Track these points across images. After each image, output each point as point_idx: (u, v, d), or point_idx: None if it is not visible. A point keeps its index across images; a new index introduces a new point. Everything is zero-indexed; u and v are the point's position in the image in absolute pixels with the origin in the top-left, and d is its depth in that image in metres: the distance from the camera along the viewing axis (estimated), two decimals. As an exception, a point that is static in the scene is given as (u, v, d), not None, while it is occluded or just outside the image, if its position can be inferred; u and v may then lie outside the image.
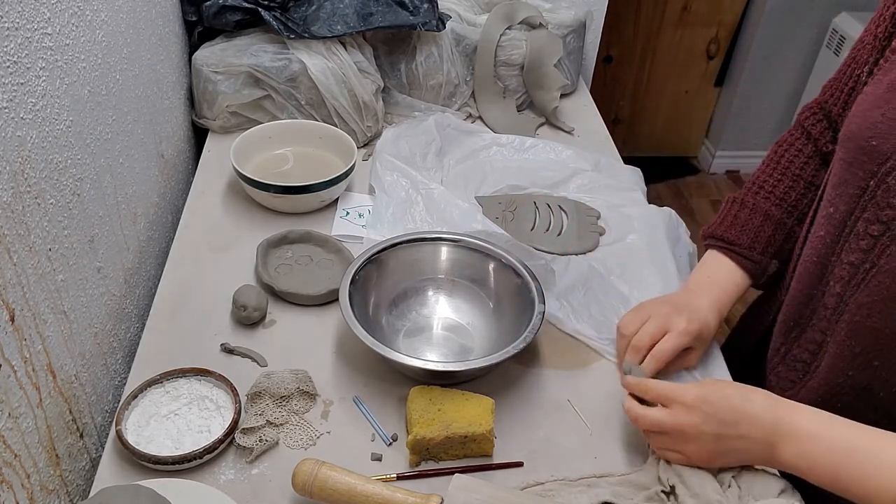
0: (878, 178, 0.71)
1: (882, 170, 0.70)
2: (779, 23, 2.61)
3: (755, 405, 0.71)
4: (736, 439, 0.71)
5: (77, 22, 0.82)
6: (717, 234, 0.93)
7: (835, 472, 0.67)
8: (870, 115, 0.73)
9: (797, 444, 0.69)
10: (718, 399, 0.72)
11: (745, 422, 0.71)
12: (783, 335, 0.87)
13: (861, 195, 0.73)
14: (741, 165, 3.00)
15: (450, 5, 1.41)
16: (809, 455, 0.68)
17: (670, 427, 0.74)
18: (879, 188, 0.71)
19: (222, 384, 0.84)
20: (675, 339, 0.85)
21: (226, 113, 1.28)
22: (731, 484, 0.74)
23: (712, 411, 0.71)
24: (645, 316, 0.88)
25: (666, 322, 0.86)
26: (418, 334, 0.96)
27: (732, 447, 0.72)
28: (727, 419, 0.71)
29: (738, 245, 0.91)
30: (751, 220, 0.91)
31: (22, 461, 0.69)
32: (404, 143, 1.22)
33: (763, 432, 0.70)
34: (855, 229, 0.74)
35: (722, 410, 0.71)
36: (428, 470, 0.80)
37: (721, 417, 0.71)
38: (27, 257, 0.70)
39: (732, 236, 0.92)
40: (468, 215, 1.06)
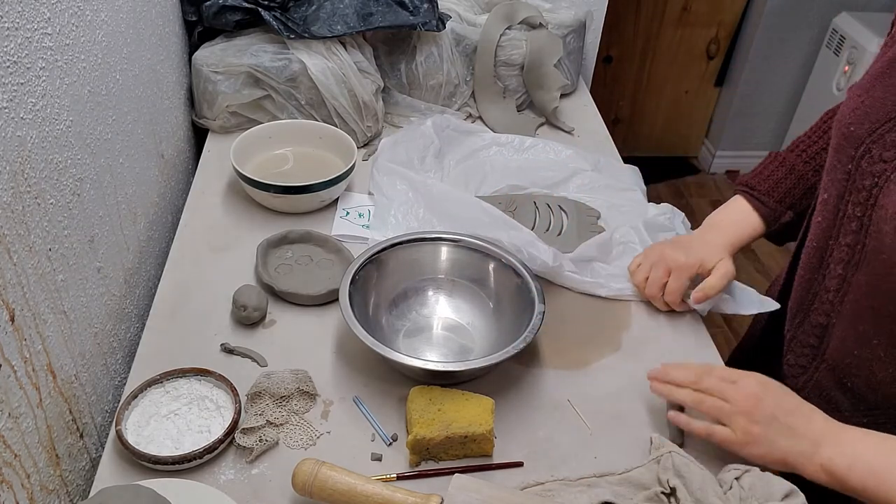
0: (854, 162, 0.75)
1: (857, 153, 0.75)
2: (779, 23, 2.61)
3: (811, 406, 0.75)
4: (786, 428, 0.73)
5: (77, 22, 0.82)
6: (744, 180, 1.01)
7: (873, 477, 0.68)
8: (852, 102, 0.77)
9: (842, 445, 0.71)
10: (781, 388, 0.76)
11: (801, 415, 0.74)
12: (790, 321, 0.89)
13: (847, 179, 0.77)
14: (741, 165, 3.00)
15: (450, 5, 1.41)
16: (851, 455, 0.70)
17: (733, 393, 0.75)
18: (857, 171, 0.75)
19: (222, 384, 0.84)
20: (678, 280, 0.95)
21: (226, 113, 1.28)
22: (732, 486, 0.74)
23: (774, 393, 0.75)
24: (649, 262, 0.99)
25: (667, 264, 0.97)
26: (418, 334, 0.96)
27: (780, 433, 0.73)
28: (785, 406, 0.74)
29: (757, 190, 0.98)
30: (777, 171, 0.98)
31: (22, 461, 0.69)
32: (402, 149, 1.22)
33: (812, 430, 0.72)
34: (847, 213, 0.78)
35: (783, 397, 0.75)
36: (428, 470, 0.80)
37: (780, 402, 0.74)
38: (27, 257, 0.70)
39: (755, 183, 0.99)
40: (470, 207, 1.06)
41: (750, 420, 0.74)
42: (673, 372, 0.81)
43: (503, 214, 1.05)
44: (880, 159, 0.72)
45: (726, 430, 0.75)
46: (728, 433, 0.75)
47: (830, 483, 0.71)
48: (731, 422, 0.75)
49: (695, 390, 0.78)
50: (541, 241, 1.00)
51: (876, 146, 0.73)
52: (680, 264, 0.96)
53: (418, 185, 1.13)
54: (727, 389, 0.76)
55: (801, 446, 0.72)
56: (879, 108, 0.74)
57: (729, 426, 0.75)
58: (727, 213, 1.01)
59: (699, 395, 0.77)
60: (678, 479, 0.75)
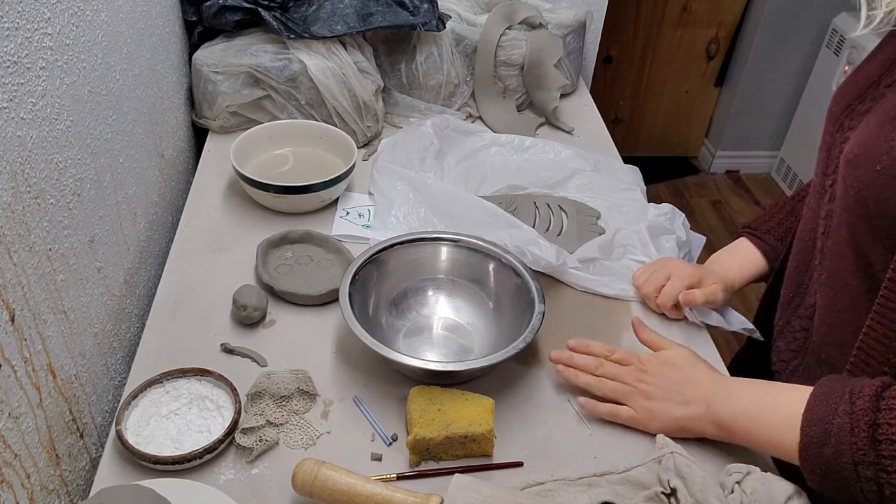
0: (831, 138, 0.80)
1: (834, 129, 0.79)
2: (779, 23, 2.61)
3: (700, 371, 0.82)
4: (678, 398, 0.81)
5: (77, 22, 0.82)
6: (746, 224, 1.04)
7: (754, 423, 0.74)
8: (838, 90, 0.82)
9: (727, 398, 0.78)
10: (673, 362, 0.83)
11: (689, 383, 0.81)
12: (783, 308, 0.91)
13: (826, 157, 0.81)
14: (741, 165, 3.00)
15: (450, 5, 1.41)
16: (735, 406, 0.77)
17: (627, 376, 0.84)
18: (833, 146, 0.79)
19: (222, 384, 0.84)
20: (675, 283, 0.97)
21: (226, 113, 1.28)
22: (734, 489, 0.74)
23: (664, 369, 0.83)
24: (653, 268, 1.02)
25: (669, 270, 0.99)
26: (418, 334, 0.96)
27: (674, 403, 0.81)
28: (674, 377, 0.82)
29: (759, 230, 1.01)
30: (778, 213, 1.01)
31: (22, 461, 0.69)
32: (402, 150, 1.22)
33: (702, 393, 0.80)
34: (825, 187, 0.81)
35: (672, 370, 0.83)
36: (428, 470, 0.80)
37: (669, 375, 0.82)
38: (27, 257, 0.70)
39: (756, 224, 1.03)
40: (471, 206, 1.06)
41: (645, 397, 0.83)
42: (576, 357, 0.88)
43: (505, 213, 1.05)
44: (848, 128, 0.77)
45: (629, 409, 0.83)
46: (631, 412, 0.83)
47: (724, 436, 0.78)
48: (630, 402, 0.83)
49: (596, 375, 0.86)
50: (543, 239, 1.00)
51: (847, 119, 0.78)
52: (682, 272, 0.98)
53: (419, 185, 1.13)
54: (622, 373, 0.85)
55: (694, 411, 0.80)
56: (854, 88, 0.79)
57: (630, 406, 0.83)
58: (731, 254, 1.03)
59: (600, 379, 0.85)
60: (679, 479, 0.75)
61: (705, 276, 0.98)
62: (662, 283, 0.99)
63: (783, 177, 2.90)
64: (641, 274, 1.03)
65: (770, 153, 2.96)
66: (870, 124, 0.72)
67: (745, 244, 1.02)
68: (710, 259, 1.04)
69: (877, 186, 0.68)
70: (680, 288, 0.97)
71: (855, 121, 0.77)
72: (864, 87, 0.78)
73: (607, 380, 0.85)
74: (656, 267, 1.02)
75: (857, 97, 0.78)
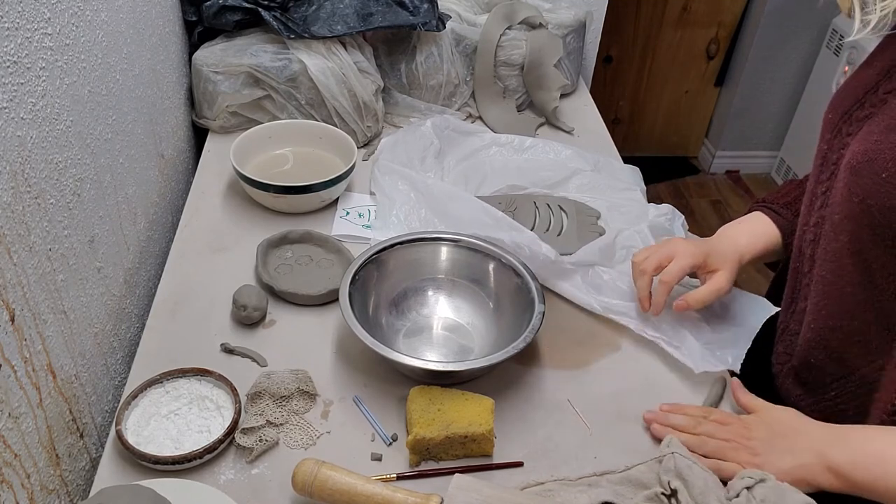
0: (827, 144, 0.79)
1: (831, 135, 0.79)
2: (779, 23, 2.61)
3: (805, 421, 0.78)
4: (785, 448, 0.76)
5: (77, 22, 0.82)
6: (760, 199, 0.99)
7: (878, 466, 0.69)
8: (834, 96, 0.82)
9: (843, 444, 0.72)
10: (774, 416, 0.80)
11: (796, 433, 0.77)
12: (784, 312, 0.90)
13: (822, 163, 0.80)
14: (741, 165, 3.00)
15: (450, 5, 1.41)
16: (853, 451, 0.71)
17: (728, 434, 0.80)
18: (829, 151, 0.79)
19: (222, 384, 0.84)
20: (679, 262, 0.90)
21: (226, 113, 1.28)
22: (741, 494, 0.73)
23: (766, 422, 0.79)
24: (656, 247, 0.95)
25: (673, 249, 0.92)
26: (418, 334, 0.96)
27: (781, 454, 0.76)
28: (778, 430, 0.78)
29: (776, 204, 0.96)
30: (794, 190, 0.96)
31: (22, 461, 0.69)
32: (402, 150, 1.22)
33: (811, 441, 0.75)
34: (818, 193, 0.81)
35: (774, 423, 0.79)
36: (428, 470, 0.80)
37: (773, 427, 0.79)
38: (27, 257, 0.70)
39: (772, 198, 0.97)
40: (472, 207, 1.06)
41: (750, 452, 0.78)
42: (672, 418, 0.84)
43: (505, 216, 1.04)
44: (847, 134, 0.76)
45: (733, 465, 0.78)
46: (735, 468, 0.78)
47: (843, 486, 0.72)
48: (734, 458, 0.79)
49: (695, 434, 0.82)
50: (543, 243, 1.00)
51: (845, 125, 0.77)
52: (686, 251, 0.91)
53: (420, 186, 1.13)
54: (722, 431, 0.81)
55: (804, 459, 0.74)
56: (852, 94, 0.78)
57: (734, 462, 0.78)
58: (742, 224, 0.97)
59: (700, 438, 0.81)
60: (679, 481, 0.75)
61: (712, 256, 0.91)
62: (665, 263, 0.92)
63: (783, 177, 2.90)
64: (642, 251, 0.96)
65: (770, 153, 2.96)
66: (873, 131, 0.71)
67: (759, 216, 0.96)
68: (719, 231, 0.97)
69: (882, 195, 0.68)
70: (685, 268, 0.90)
71: (854, 127, 0.76)
72: (862, 93, 0.77)
73: (707, 438, 0.81)
74: (659, 245, 0.95)
75: (855, 103, 0.77)
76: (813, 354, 0.82)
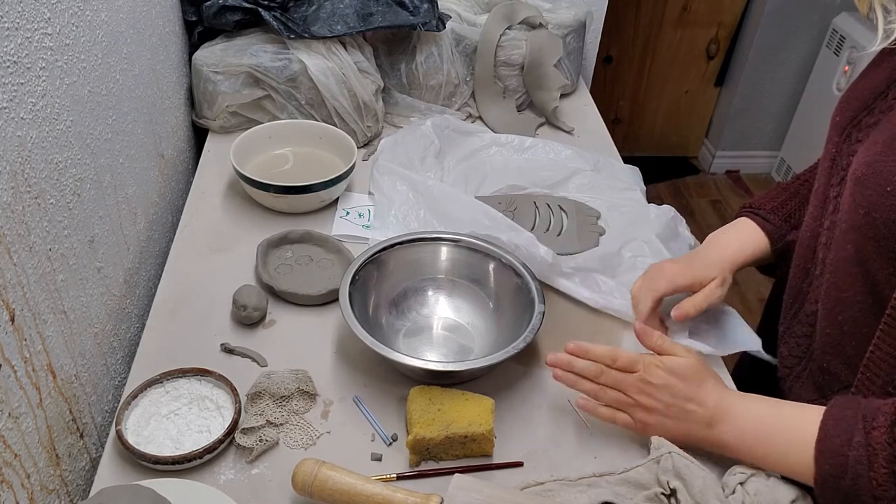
0: (837, 148, 0.79)
1: (840, 139, 0.78)
2: (779, 23, 2.61)
3: (708, 388, 0.79)
4: (680, 414, 0.79)
5: (77, 22, 0.82)
6: (747, 204, 1.00)
7: (759, 445, 0.74)
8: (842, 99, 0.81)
9: (731, 419, 0.76)
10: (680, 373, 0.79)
11: (694, 400, 0.78)
12: (785, 313, 0.90)
13: (831, 166, 0.80)
14: (741, 165, 3.00)
15: (450, 5, 1.41)
16: (739, 429, 0.75)
17: (629, 386, 0.80)
18: (839, 156, 0.78)
19: (222, 384, 0.84)
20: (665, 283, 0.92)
21: (226, 113, 1.28)
22: (736, 490, 0.74)
23: (670, 381, 0.79)
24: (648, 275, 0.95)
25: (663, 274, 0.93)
26: (418, 334, 0.96)
27: (675, 419, 0.79)
28: (679, 393, 0.78)
29: (763, 209, 0.97)
30: (781, 194, 0.97)
31: (22, 461, 0.69)
32: (402, 150, 1.22)
33: (705, 412, 0.77)
34: (829, 197, 0.80)
35: (678, 384, 0.79)
36: (428, 470, 0.80)
37: (675, 390, 0.79)
38: (27, 257, 0.70)
39: (759, 204, 0.98)
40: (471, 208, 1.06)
41: (646, 411, 0.80)
42: (576, 363, 0.83)
43: (503, 216, 1.04)
44: (856, 140, 0.76)
45: (627, 417, 0.81)
46: (628, 420, 0.81)
47: (730, 455, 0.77)
48: (629, 412, 0.81)
49: (598, 383, 0.82)
50: (541, 245, 0.99)
51: (855, 131, 0.76)
52: (675, 273, 0.92)
53: (419, 186, 1.13)
54: (624, 382, 0.81)
55: (695, 429, 0.78)
56: (861, 97, 0.77)
57: (629, 415, 0.81)
58: (730, 231, 0.98)
59: (601, 387, 0.82)
60: (679, 480, 0.75)
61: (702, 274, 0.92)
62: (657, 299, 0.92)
63: (783, 177, 2.90)
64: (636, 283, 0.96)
65: (770, 153, 2.96)
66: (877, 142, 0.70)
67: (746, 223, 0.97)
68: (707, 238, 0.98)
69: (887, 208, 0.67)
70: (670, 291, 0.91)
71: (863, 132, 0.75)
72: (871, 99, 0.76)
73: (608, 388, 0.81)
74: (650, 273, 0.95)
75: (863, 108, 0.76)
76: (827, 359, 0.81)
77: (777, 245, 0.95)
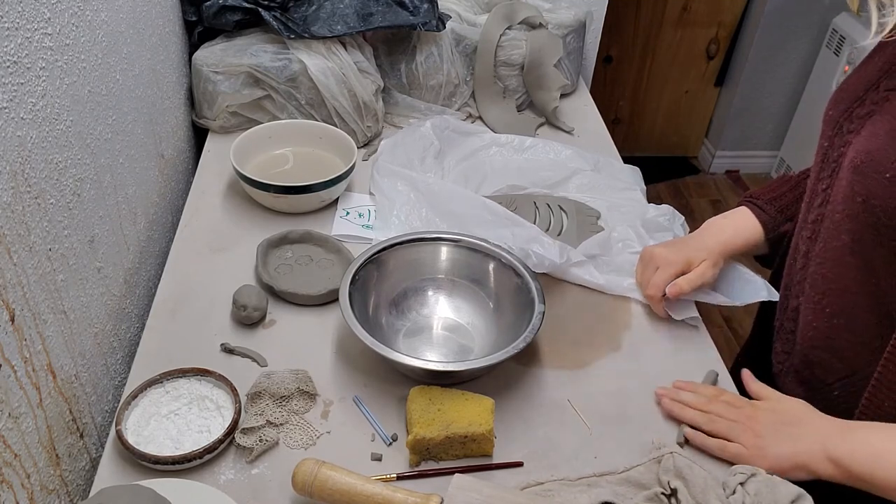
0: (829, 141, 0.80)
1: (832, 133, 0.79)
2: (779, 23, 2.61)
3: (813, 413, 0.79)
4: (791, 434, 0.78)
5: (77, 22, 0.82)
6: (747, 193, 1.02)
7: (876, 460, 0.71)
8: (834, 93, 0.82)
9: (846, 436, 0.74)
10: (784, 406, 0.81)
11: (803, 422, 0.78)
12: (779, 310, 0.91)
13: (823, 160, 0.81)
14: (741, 165, 3.00)
15: (450, 5, 1.41)
16: (854, 442, 0.73)
17: (737, 414, 0.81)
18: (830, 149, 0.79)
19: (222, 384, 0.84)
20: (662, 272, 0.96)
21: (226, 113, 1.28)
22: (736, 490, 0.74)
23: (775, 409, 0.81)
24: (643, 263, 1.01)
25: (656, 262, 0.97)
26: (418, 334, 0.96)
27: (786, 440, 0.78)
28: (786, 418, 0.79)
29: (760, 199, 0.99)
30: (781, 186, 0.99)
31: (22, 461, 0.69)
32: (401, 151, 1.22)
33: (816, 431, 0.76)
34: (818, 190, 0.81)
35: (785, 412, 0.80)
36: (428, 470, 0.80)
37: (781, 416, 0.80)
38: (27, 257, 0.70)
39: (758, 194, 1.00)
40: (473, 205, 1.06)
41: (755, 434, 0.79)
42: (683, 394, 0.86)
43: (507, 211, 1.05)
44: (848, 132, 0.77)
45: (737, 445, 0.80)
46: (739, 448, 0.79)
47: (840, 476, 0.73)
48: (739, 438, 0.80)
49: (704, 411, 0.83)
50: (546, 237, 1.00)
51: (847, 123, 0.78)
52: (668, 260, 0.96)
53: (420, 185, 1.13)
54: (730, 412, 0.82)
55: (807, 447, 0.76)
56: (852, 91, 0.79)
57: (738, 443, 0.80)
58: (726, 217, 1.01)
59: (709, 416, 0.82)
60: (679, 480, 0.75)
61: (694, 256, 0.95)
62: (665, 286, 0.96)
63: (783, 177, 2.90)
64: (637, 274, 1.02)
65: (770, 153, 2.96)
66: (876, 132, 0.71)
67: (743, 211, 0.99)
68: (704, 224, 1.01)
69: (886, 195, 0.68)
70: (668, 277, 0.95)
71: (855, 124, 0.76)
72: (863, 91, 0.77)
73: (716, 417, 0.82)
74: (645, 261, 1.00)
75: (856, 100, 0.77)
76: (815, 353, 0.82)
77: (770, 235, 0.96)
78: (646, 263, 1.00)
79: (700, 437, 0.82)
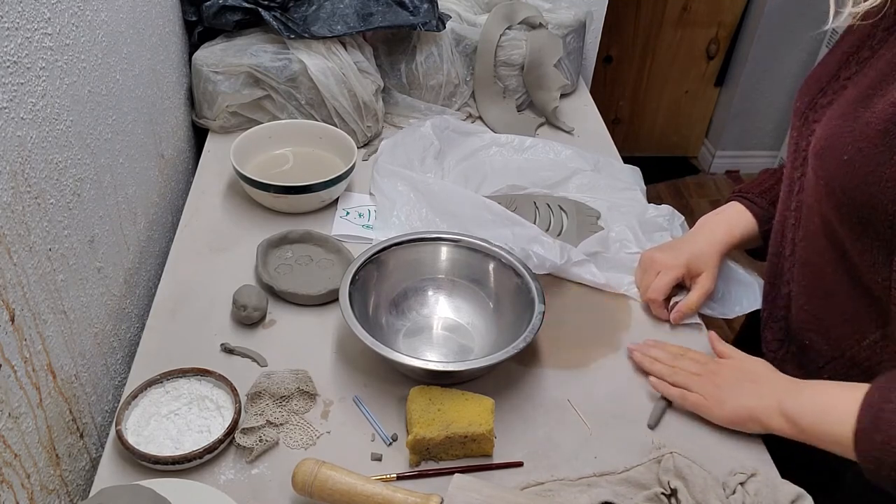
0: (798, 131, 0.83)
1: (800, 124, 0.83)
2: (779, 23, 2.61)
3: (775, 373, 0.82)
4: (750, 389, 0.82)
5: (77, 22, 0.82)
6: (737, 188, 1.04)
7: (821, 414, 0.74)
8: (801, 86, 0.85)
9: (800, 393, 0.78)
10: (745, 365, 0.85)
11: (763, 378, 0.82)
12: (764, 298, 0.93)
13: (795, 151, 0.83)
14: (741, 165, 3.00)
15: (450, 5, 1.41)
16: (805, 399, 0.77)
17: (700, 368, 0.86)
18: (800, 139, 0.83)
19: (222, 384, 0.84)
20: (663, 276, 0.98)
21: (226, 113, 1.28)
22: (736, 490, 0.74)
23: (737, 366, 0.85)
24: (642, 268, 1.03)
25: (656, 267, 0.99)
26: (418, 334, 0.96)
27: (745, 393, 0.82)
28: (747, 374, 0.83)
29: (751, 193, 1.00)
30: (769, 179, 1.00)
31: (22, 461, 0.69)
32: (401, 151, 1.22)
33: (774, 388, 0.80)
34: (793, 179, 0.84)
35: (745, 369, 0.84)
36: (428, 470, 0.80)
37: (743, 372, 0.84)
38: (27, 257, 0.70)
39: (748, 188, 1.02)
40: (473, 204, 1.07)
41: (715, 386, 0.84)
42: (652, 350, 0.92)
43: (507, 211, 1.05)
44: (813, 121, 0.80)
45: (698, 396, 0.85)
46: (699, 397, 0.85)
47: (791, 430, 0.77)
48: (700, 389, 0.85)
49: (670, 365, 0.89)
50: (546, 236, 1.00)
51: (811, 112, 0.80)
52: (667, 265, 0.98)
53: (420, 185, 1.13)
54: (696, 366, 0.87)
55: (764, 402, 0.80)
56: (815, 82, 0.81)
57: (700, 393, 0.85)
58: (719, 214, 1.02)
59: (674, 368, 0.88)
60: (679, 480, 0.75)
61: (692, 261, 0.97)
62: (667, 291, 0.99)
63: (783, 177, 2.90)
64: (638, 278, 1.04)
65: (770, 153, 2.96)
66: (833, 117, 0.74)
67: (735, 206, 1.01)
68: (698, 223, 1.03)
69: (843, 176, 0.71)
70: (669, 282, 0.97)
71: (818, 114, 0.79)
72: (825, 82, 0.80)
73: (679, 369, 0.87)
74: (645, 265, 1.02)
75: (818, 91, 0.80)
76: (807, 336, 0.85)
77: (764, 227, 0.98)
78: (645, 268, 1.01)
79: (663, 386, 0.87)
